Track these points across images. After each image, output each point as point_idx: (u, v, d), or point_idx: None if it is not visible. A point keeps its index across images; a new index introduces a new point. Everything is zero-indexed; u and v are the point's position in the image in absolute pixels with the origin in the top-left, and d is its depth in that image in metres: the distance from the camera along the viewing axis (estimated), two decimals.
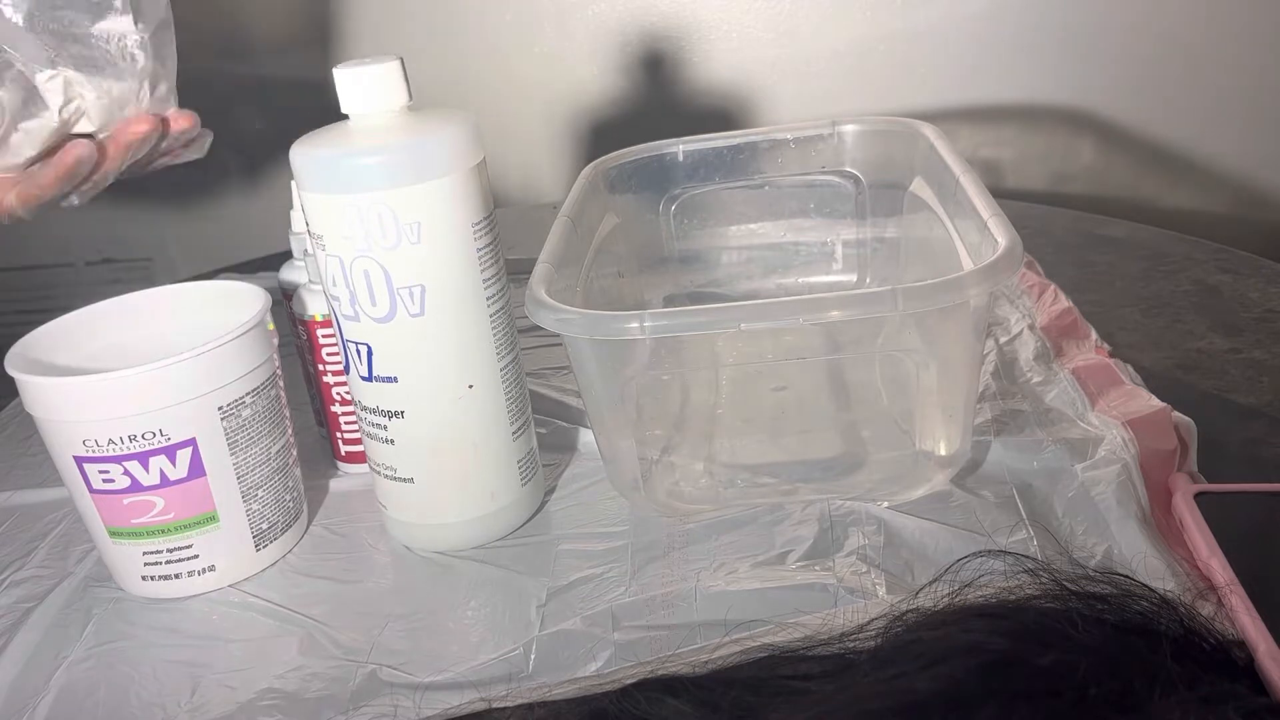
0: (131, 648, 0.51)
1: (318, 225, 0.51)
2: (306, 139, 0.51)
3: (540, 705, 0.42)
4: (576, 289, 0.58)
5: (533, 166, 1.26)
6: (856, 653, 0.40)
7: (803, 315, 0.47)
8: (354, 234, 0.49)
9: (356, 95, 0.50)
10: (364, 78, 0.50)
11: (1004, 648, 0.35)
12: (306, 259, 0.60)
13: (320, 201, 0.50)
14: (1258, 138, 1.14)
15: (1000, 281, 0.47)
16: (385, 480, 0.55)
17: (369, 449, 0.55)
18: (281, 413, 0.56)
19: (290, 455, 0.57)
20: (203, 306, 0.59)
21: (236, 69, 1.26)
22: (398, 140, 0.50)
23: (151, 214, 1.35)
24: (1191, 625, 0.37)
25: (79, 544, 0.60)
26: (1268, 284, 0.75)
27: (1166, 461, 0.53)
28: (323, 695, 0.46)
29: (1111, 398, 0.59)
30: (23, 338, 0.55)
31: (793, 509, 0.54)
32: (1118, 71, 1.13)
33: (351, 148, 0.50)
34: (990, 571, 0.42)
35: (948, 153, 0.60)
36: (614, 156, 0.70)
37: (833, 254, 0.74)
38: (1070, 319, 0.69)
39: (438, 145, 0.50)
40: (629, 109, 1.22)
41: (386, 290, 0.50)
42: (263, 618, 0.52)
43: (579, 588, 0.51)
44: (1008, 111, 1.16)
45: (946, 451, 0.54)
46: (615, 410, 0.53)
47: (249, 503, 0.54)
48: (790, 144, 0.71)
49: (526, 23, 1.21)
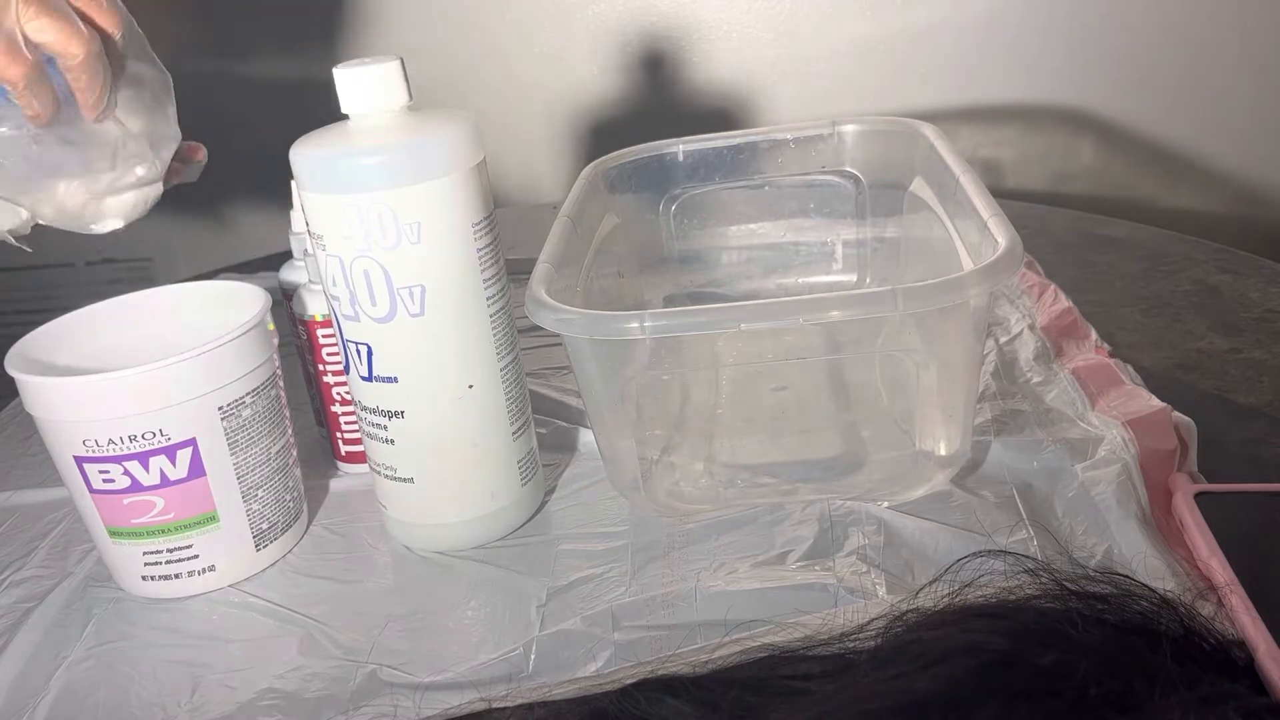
0: (131, 648, 0.51)
1: (318, 225, 0.51)
2: (306, 139, 0.51)
3: (540, 705, 0.42)
4: (576, 289, 0.58)
5: (533, 166, 1.26)
6: (856, 653, 0.40)
7: (803, 315, 0.47)
8: (354, 234, 0.49)
9: (356, 95, 0.50)
10: (364, 78, 0.50)
11: (1004, 648, 0.35)
12: (306, 259, 0.60)
13: (320, 201, 0.50)
14: (1258, 138, 1.14)
15: (1000, 281, 0.47)
16: (385, 480, 0.55)
17: (369, 449, 0.55)
18: (281, 413, 0.56)
19: (290, 455, 0.57)
20: (203, 306, 0.59)
21: (236, 69, 1.26)
22: (398, 140, 0.50)
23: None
24: (1191, 625, 0.37)
25: (79, 544, 0.60)
26: (1268, 284, 0.75)
27: (1166, 461, 0.53)
28: (323, 695, 0.46)
29: (1111, 398, 0.59)
30: (23, 338, 0.55)
31: (793, 509, 0.54)
32: (1118, 71, 1.13)
33: (351, 148, 0.50)
34: (990, 571, 0.42)
35: (948, 153, 0.60)
36: (614, 156, 0.70)
37: (833, 254, 0.74)
38: (1070, 319, 0.69)
39: (438, 145, 0.50)
40: (629, 109, 1.22)
41: (386, 290, 0.50)
42: (263, 618, 0.52)
43: (579, 588, 0.51)
44: (1008, 111, 1.16)
45: (946, 451, 0.54)
46: (615, 410, 0.53)
47: (249, 503, 0.54)
48: (790, 144, 0.71)
49: (526, 23, 1.21)
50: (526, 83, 1.23)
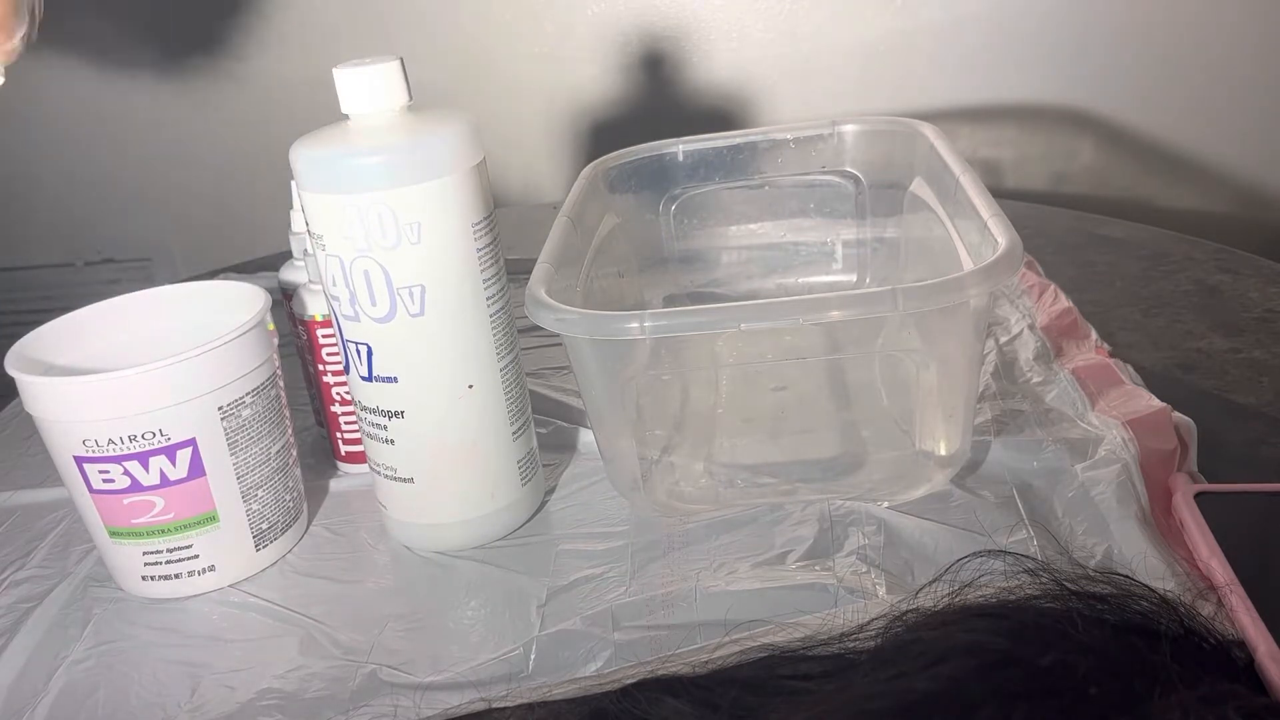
0: (131, 648, 0.51)
1: (318, 225, 0.51)
2: (306, 139, 0.51)
3: (540, 705, 0.42)
4: (576, 289, 0.58)
5: (533, 166, 1.27)
6: (856, 653, 0.40)
7: (803, 315, 0.47)
8: (354, 234, 0.49)
9: (356, 95, 0.50)
10: (364, 78, 0.50)
11: (1004, 648, 0.35)
12: (306, 259, 0.60)
13: (320, 201, 0.50)
14: (1258, 138, 1.14)
15: (1000, 281, 0.47)
16: (385, 480, 0.55)
17: (369, 449, 0.55)
18: (282, 413, 0.56)
19: (290, 455, 0.57)
20: (203, 306, 0.59)
21: (236, 68, 1.26)
22: (397, 140, 0.50)
23: (151, 214, 1.35)
24: (1191, 625, 0.37)
25: (79, 544, 0.60)
26: (1268, 284, 0.75)
27: (1166, 461, 0.53)
28: (323, 695, 0.46)
29: (1111, 398, 0.59)
30: (22, 338, 0.55)
31: (792, 509, 0.54)
32: (1118, 71, 1.13)
33: (351, 148, 0.50)
34: (990, 571, 0.42)
35: (948, 153, 0.60)
36: (614, 156, 0.71)
37: (833, 254, 0.75)
38: (1070, 319, 0.69)
39: (438, 145, 0.50)
40: (629, 109, 1.22)
41: (386, 290, 0.50)
42: (263, 618, 0.52)
43: (579, 588, 0.51)
44: (1008, 111, 1.16)
45: (946, 451, 0.54)
46: (615, 410, 0.53)
47: (248, 503, 0.54)
48: (790, 144, 0.71)
49: (526, 23, 1.21)
50: (527, 83, 1.24)
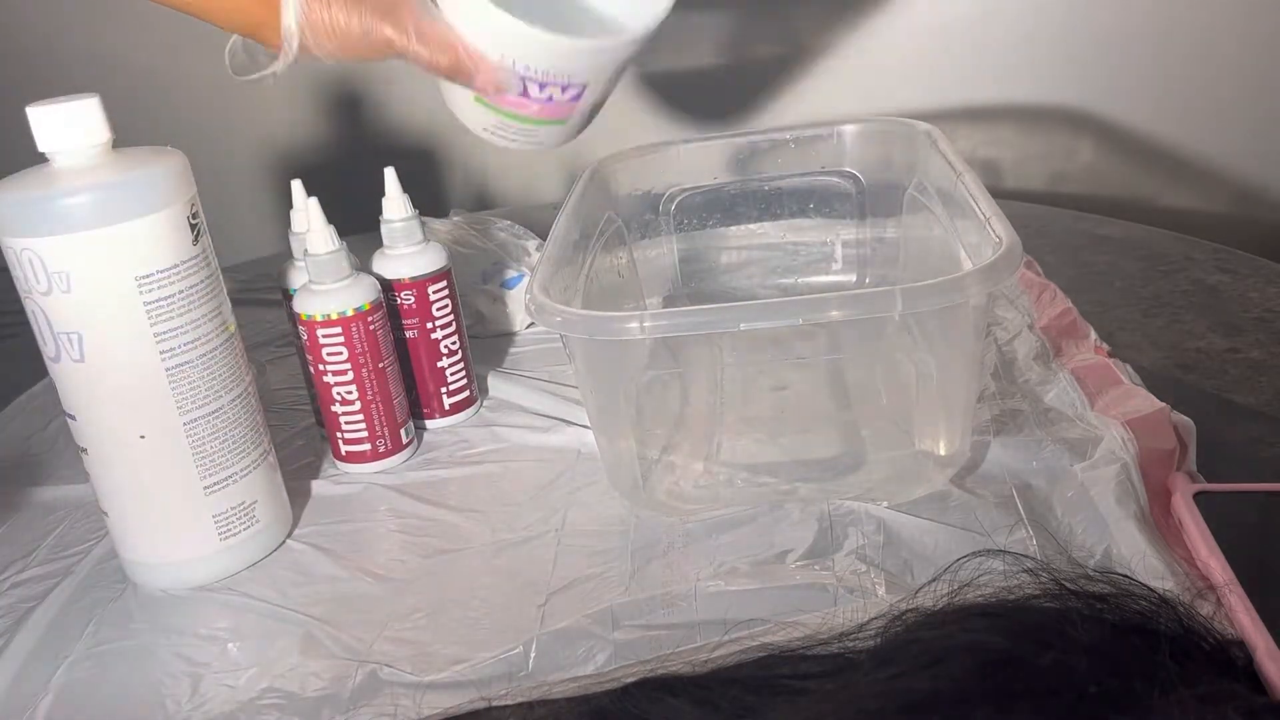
0: (131, 647, 0.51)
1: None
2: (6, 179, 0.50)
3: (540, 704, 0.42)
4: (576, 289, 0.58)
5: (533, 167, 1.26)
6: (856, 652, 0.40)
7: (803, 315, 0.47)
8: (16, 275, 0.50)
9: (51, 134, 0.49)
10: (58, 115, 0.48)
11: (1004, 647, 0.35)
12: (307, 259, 0.60)
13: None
14: (1258, 138, 1.14)
15: (1000, 281, 0.47)
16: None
17: None
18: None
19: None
20: None
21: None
22: (40, 189, 0.48)
23: None
24: (1191, 625, 0.37)
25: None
26: (1267, 284, 0.75)
27: (1165, 461, 0.53)
28: (323, 695, 0.46)
29: (1110, 397, 0.59)
30: None
31: (792, 509, 0.54)
32: (1117, 71, 1.13)
33: (4, 188, 0.49)
34: (990, 571, 0.42)
35: (948, 153, 0.61)
36: (614, 156, 0.71)
37: (833, 254, 0.75)
38: (1069, 319, 0.69)
39: (87, 196, 0.48)
40: (629, 109, 1.22)
41: (50, 333, 0.50)
42: (263, 617, 0.52)
43: (579, 587, 0.51)
44: (1007, 111, 1.16)
45: (946, 451, 0.54)
46: (615, 410, 0.54)
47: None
48: (790, 144, 0.72)
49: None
50: None
